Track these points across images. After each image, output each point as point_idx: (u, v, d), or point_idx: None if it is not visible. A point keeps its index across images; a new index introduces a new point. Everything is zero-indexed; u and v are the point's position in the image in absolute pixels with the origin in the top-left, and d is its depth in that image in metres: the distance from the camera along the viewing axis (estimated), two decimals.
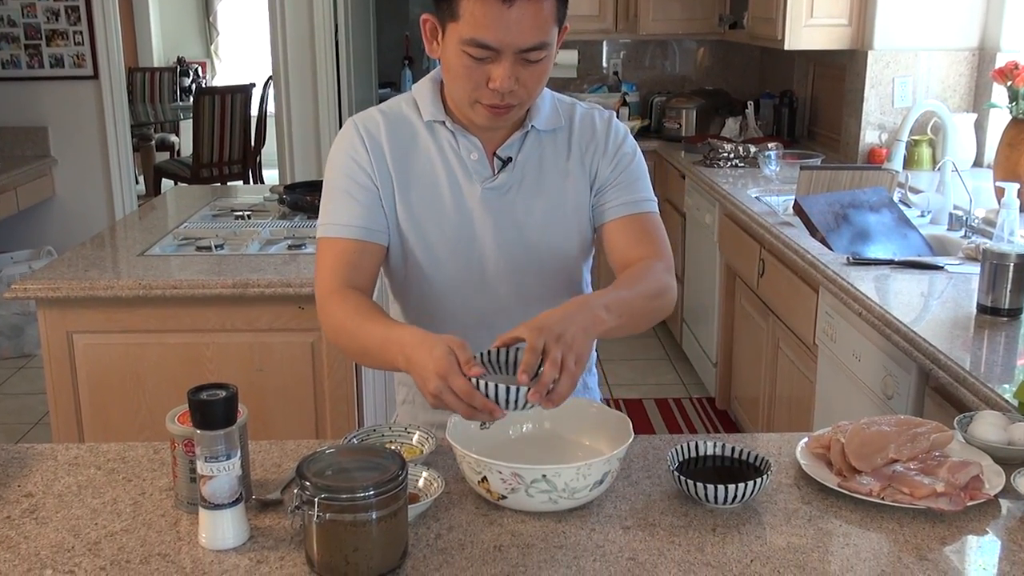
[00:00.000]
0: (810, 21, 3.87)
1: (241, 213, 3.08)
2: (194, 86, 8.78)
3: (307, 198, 3.03)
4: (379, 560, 1.11)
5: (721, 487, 1.25)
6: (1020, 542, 1.21)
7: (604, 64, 5.51)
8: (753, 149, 4.12)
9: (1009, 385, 1.66)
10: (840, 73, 4.15)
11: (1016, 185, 2.42)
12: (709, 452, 1.38)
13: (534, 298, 1.55)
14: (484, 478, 1.25)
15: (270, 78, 6.55)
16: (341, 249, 1.48)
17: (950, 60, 3.78)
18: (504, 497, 1.25)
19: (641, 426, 3.83)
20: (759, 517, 1.26)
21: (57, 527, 1.24)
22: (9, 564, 1.15)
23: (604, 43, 5.48)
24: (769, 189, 3.60)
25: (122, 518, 1.26)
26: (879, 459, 1.34)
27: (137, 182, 6.88)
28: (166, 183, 6.91)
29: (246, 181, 6.95)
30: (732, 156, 4.12)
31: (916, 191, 3.24)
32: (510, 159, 1.53)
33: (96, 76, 5.23)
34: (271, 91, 6.22)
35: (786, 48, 3.91)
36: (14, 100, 5.23)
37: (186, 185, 6.25)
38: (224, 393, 1.17)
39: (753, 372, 3.35)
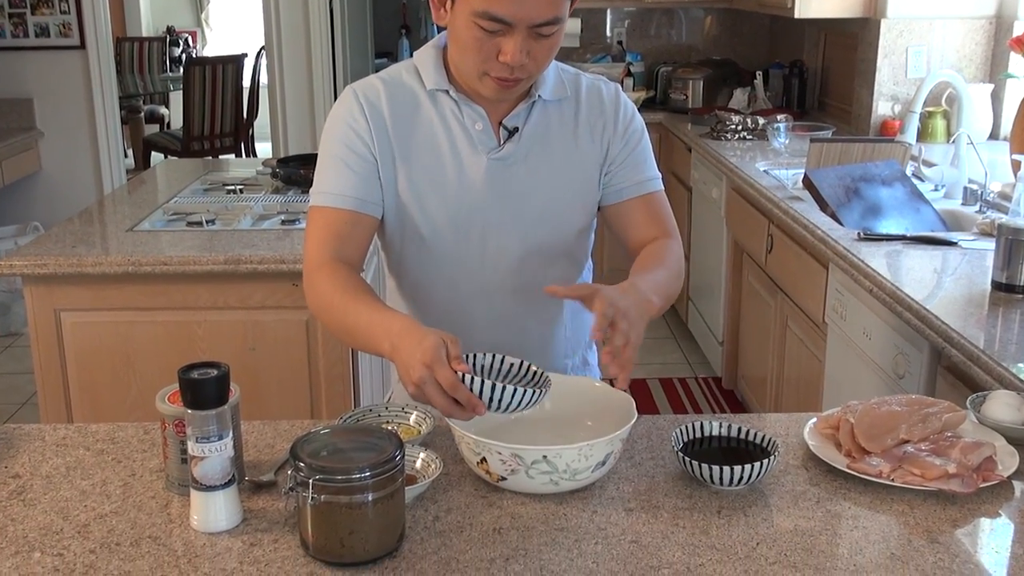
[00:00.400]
0: None
1: (233, 187, 3.07)
2: (184, 56, 8.74)
3: (301, 172, 3.02)
4: (375, 543, 1.12)
5: (727, 468, 1.25)
6: None
7: (608, 33, 5.48)
8: (762, 121, 4.11)
9: None
10: (852, 42, 4.13)
11: None
12: (715, 433, 1.38)
13: (535, 272, 1.56)
14: (483, 459, 1.25)
15: (263, 48, 6.53)
16: (332, 219, 1.48)
17: (966, 29, 3.76)
18: (504, 479, 1.25)
19: (645, 406, 3.84)
20: (766, 499, 1.27)
21: (45, 509, 1.24)
22: None
23: (608, 11, 5.45)
24: (778, 162, 3.59)
25: (112, 500, 1.26)
26: (889, 440, 1.34)
27: (126, 155, 6.87)
28: (155, 156, 6.89)
29: (238, 154, 6.94)
30: (740, 128, 4.10)
31: (930, 164, 3.23)
32: (516, 129, 1.53)
33: (83, 46, 5.21)
34: (264, 61, 6.19)
35: (796, 16, 3.89)
36: None
37: (176, 158, 6.24)
38: (216, 372, 1.17)
39: (760, 351, 3.35)
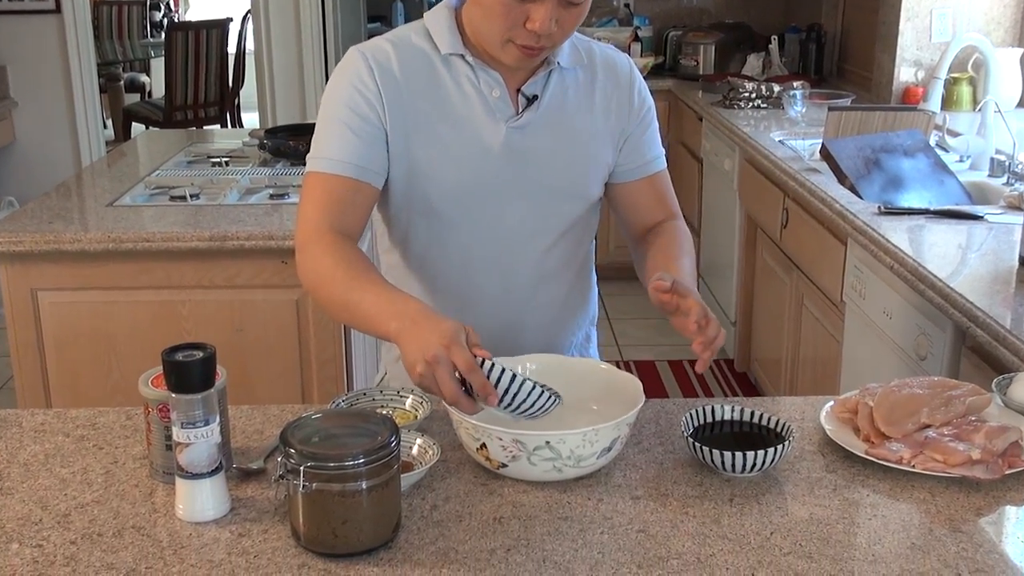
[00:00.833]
0: None
1: (218, 160, 3.06)
2: (166, 21, 8.70)
3: (290, 143, 3.01)
4: (370, 533, 1.12)
5: (739, 454, 1.25)
6: None
7: None
8: (777, 88, 4.09)
9: None
10: (873, 4, 4.10)
11: None
12: (726, 417, 1.38)
13: (548, 244, 1.59)
14: (483, 445, 1.25)
15: (248, 12, 6.49)
16: (332, 187, 1.47)
17: None
18: (504, 465, 1.25)
19: (653, 389, 3.85)
20: (780, 487, 1.27)
21: (23, 498, 1.24)
22: None
23: None
24: (794, 132, 3.58)
25: (93, 489, 1.27)
26: (910, 424, 1.35)
27: (105, 126, 6.85)
28: (136, 127, 6.87)
29: (223, 125, 6.92)
30: (754, 96, 4.09)
31: (954, 134, 3.22)
32: (535, 97, 1.53)
33: (58, 10, 5.19)
34: (250, 26, 6.16)
35: None
36: None
37: (158, 129, 6.22)
38: (201, 354, 1.17)
39: (775, 331, 3.36)
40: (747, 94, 4.09)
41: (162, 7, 9.02)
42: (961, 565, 1.11)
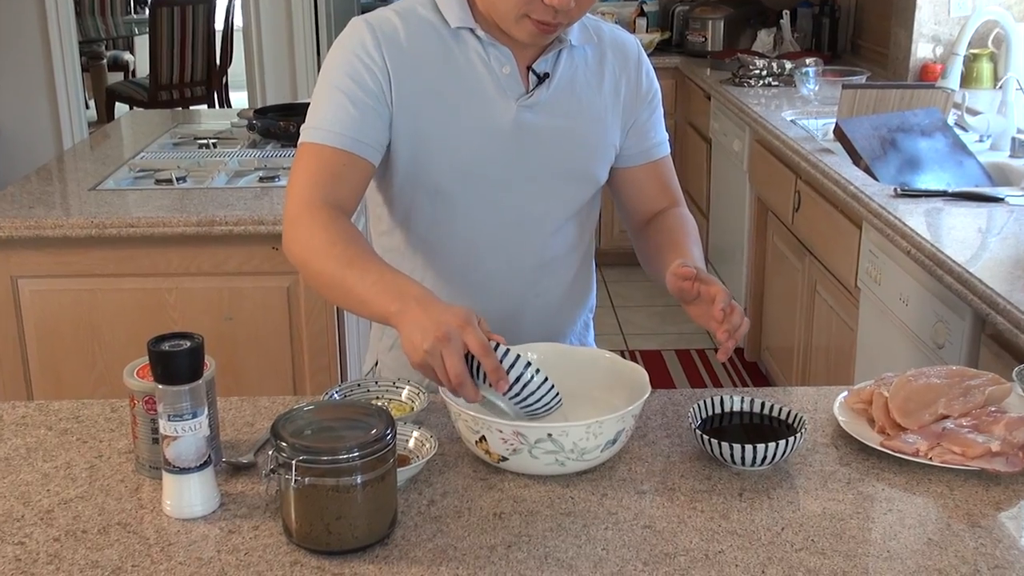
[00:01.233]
0: None
1: (205, 141, 3.06)
2: None
3: (280, 124, 3.01)
4: (365, 529, 1.12)
5: (749, 447, 1.26)
6: None
7: None
8: (789, 66, 4.08)
9: None
10: None
11: None
12: (736, 408, 1.39)
13: (553, 227, 1.60)
14: (482, 437, 1.25)
15: None
16: (327, 158, 1.45)
17: None
18: (505, 459, 1.26)
19: (659, 379, 3.85)
20: (791, 480, 1.27)
21: (4, 494, 1.25)
22: None
23: None
24: (807, 111, 3.57)
25: (77, 484, 1.27)
26: (927, 415, 1.35)
27: (87, 107, 6.84)
28: (120, 108, 6.86)
29: (211, 105, 6.91)
30: (765, 74, 4.08)
31: (974, 112, 3.21)
32: (547, 75, 1.53)
33: None
34: (238, 1, 6.15)
35: None
36: None
37: (143, 110, 6.21)
38: (189, 344, 1.17)
39: (787, 319, 3.36)
40: (757, 71, 4.08)
41: None
42: (980, 561, 1.11)
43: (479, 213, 1.55)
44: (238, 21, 6.43)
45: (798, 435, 1.28)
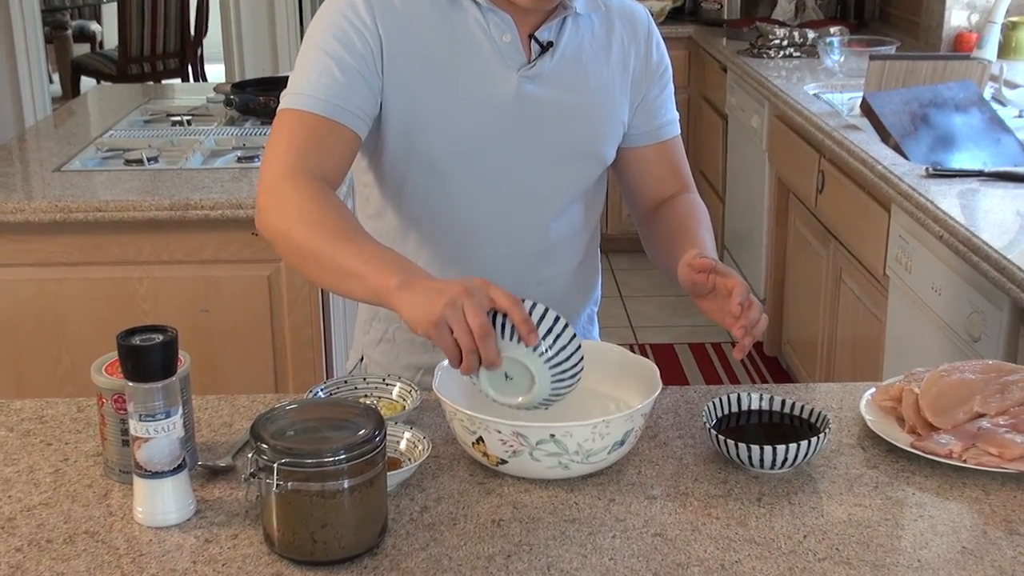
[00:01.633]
0: None
1: (179, 118, 3.06)
2: None
3: (260, 99, 3.00)
4: (352, 538, 1.13)
5: (768, 449, 1.26)
6: None
7: None
8: (812, 35, 4.08)
9: None
10: None
11: None
12: (754, 406, 1.39)
13: (557, 210, 1.60)
14: (480, 439, 1.25)
15: None
16: (309, 125, 1.44)
17: None
18: (504, 462, 1.26)
19: (671, 375, 3.85)
20: (814, 484, 1.27)
21: None
22: None
23: None
24: (831, 84, 3.57)
25: (41, 489, 1.27)
26: (961, 414, 1.35)
27: (51, 81, 6.83)
28: (86, 82, 6.86)
29: (185, 79, 6.90)
30: (786, 44, 4.07)
31: (1013, 85, 3.21)
32: (550, 44, 1.53)
33: None
34: None
35: None
36: None
37: (111, 84, 6.20)
38: (161, 337, 1.17)
39: (809, 310, 3.36)
40: (778, 41, 4.08)
41: None
42: (1018, 571, 1.11)
43: (476, 194, 1.55)
44: None
45: (821, 435, 1.28)
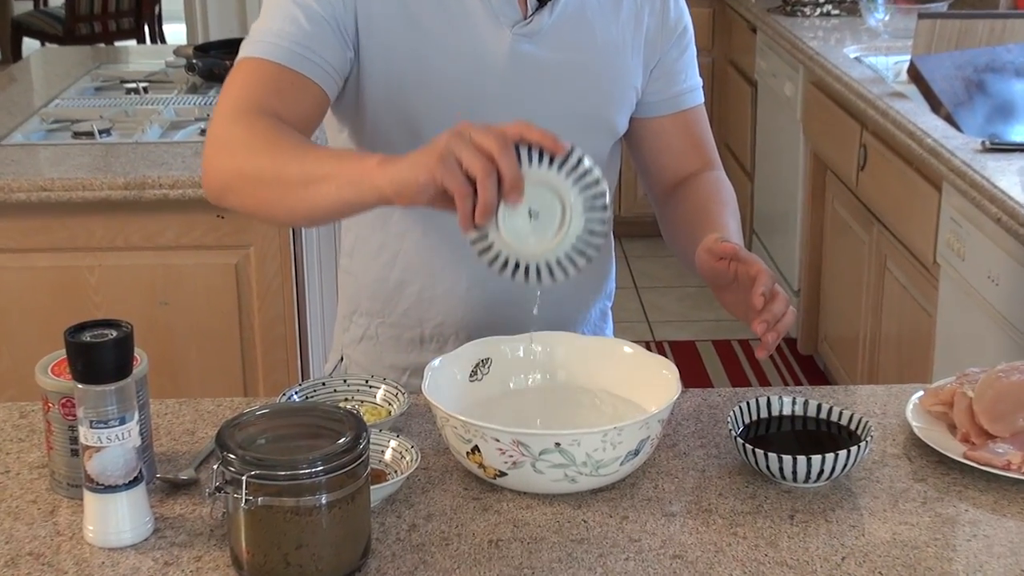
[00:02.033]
0: None
1: (134, 85, 3.05)
2: None
3: (226, 64, 3.00)
4: (331, 560, 1.13)
5: (802, 459, 1.26)
6: None
7: None
8: None
9: None
10: None
11: None
12: (786, 411, 1.39)
13: None
14: (475, 448, 1.26)
15: None
16: (266, 73, 1.44)
17: None
18: (503, 474, 1.26)
19: (692, 376, 3.86)
20: (854, 500, 1.28)
21: None
22: None
23: None
24: (875, 47, 3.56)
25: None
26: (1021, 420, 1.35)
27: None
28: (29, 44, 6.85)
29: (140, 41, 6.89)
30: (823, 0, 4.07)
31: None
32: None
33: None
34: None
35: None
36: None
37: (57, 47, 6.19)
38: (115, 334, 1.17)
39: (850, 302, 3.36)
40: None
41: None
42: None
43: None
44: None
45: (862, 444, 1.28)
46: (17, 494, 1.29)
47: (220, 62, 3.02)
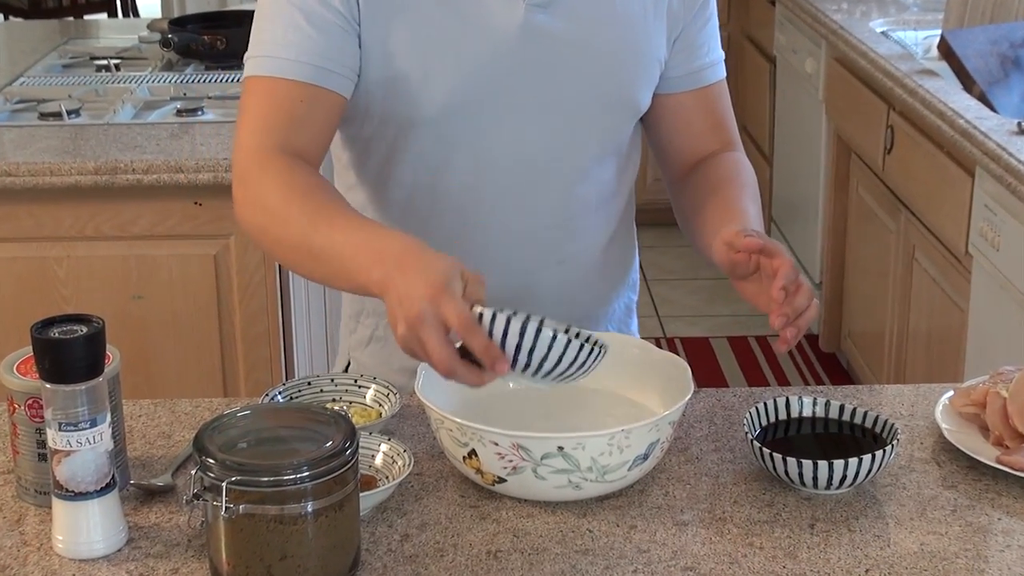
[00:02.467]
0: None
1: (105, 62, 3.05)
2: None
3: (204, 38, 3.00)
4: (318, 572, 1.13)
5: (823, 464, 1.26)
6: None
7: None
8: None
9: None
10: None
11: None
12: (807, 413, 1.39)
13: (580, 173, 1.59)
14: (472, 452, 1.26)
15: None
16: (282, 95, 1.45)
17: None
18: (502, 480, 1.26)
19: (706, 375, 3.86)
20: (879, 508, 1.28)
21: None
22: None
23: None
24: (903, 20, 3.56)
25: None
26: None
27: None
28: None
29: (112, 14, 6.88)
30: None
31: None
32: None
33: None
34: None
35: None
36: None
37: (21, 20, 6.18)
38: (85, 329, 1.17)
39: (875, 296, 3.36)
40: None
41: None
42: None
43: (479, 156, 1.55)
44: None
45: (888, 448, 1.28)
46: None
47: (197, 37, 3.02)
